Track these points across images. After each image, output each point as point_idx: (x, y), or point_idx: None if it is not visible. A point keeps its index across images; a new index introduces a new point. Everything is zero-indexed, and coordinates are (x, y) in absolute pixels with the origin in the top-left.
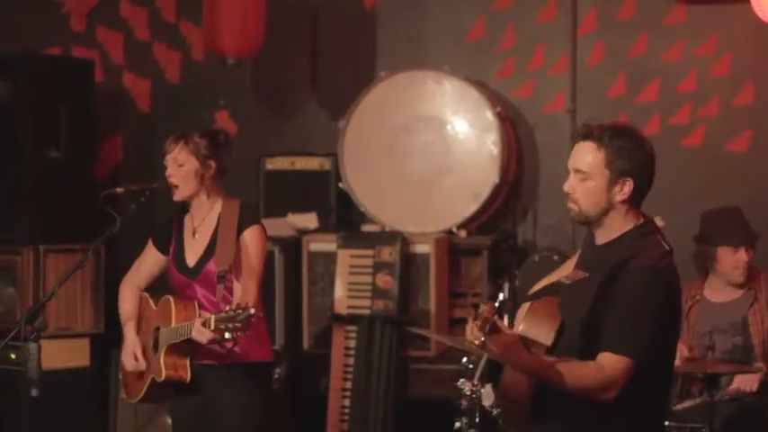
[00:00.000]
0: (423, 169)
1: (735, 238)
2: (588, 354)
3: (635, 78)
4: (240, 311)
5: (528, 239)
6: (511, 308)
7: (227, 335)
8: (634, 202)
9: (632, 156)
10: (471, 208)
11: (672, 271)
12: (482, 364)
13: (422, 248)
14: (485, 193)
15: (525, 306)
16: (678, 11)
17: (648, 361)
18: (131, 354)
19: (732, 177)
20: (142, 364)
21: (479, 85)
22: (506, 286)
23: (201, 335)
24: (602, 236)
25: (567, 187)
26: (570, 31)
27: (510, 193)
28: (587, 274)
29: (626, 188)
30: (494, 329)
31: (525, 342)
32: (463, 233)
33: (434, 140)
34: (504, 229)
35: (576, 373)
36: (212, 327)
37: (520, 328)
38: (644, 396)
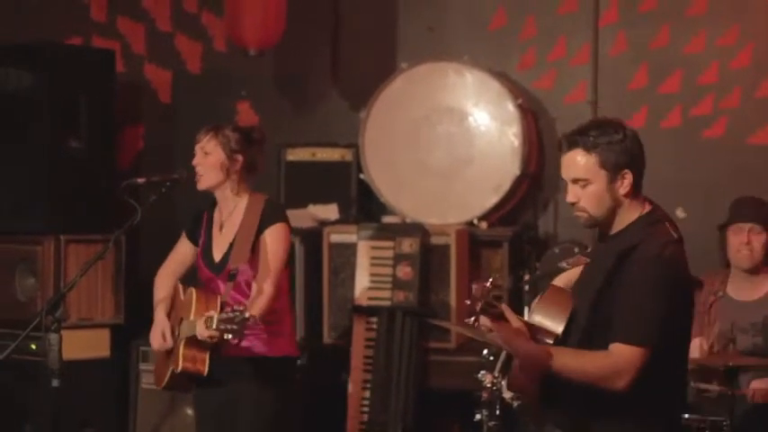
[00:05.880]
0: (444, 161)
1: (739, 216)
2: (596, 342)
3: (657, 69)
4: (238, 314)
5: (549, 231)
6: (530, 300)
7: (226, 336)
8: (636, 190)
9: (622, 148)
10: (492, 200)
11: (677, 259)
12: (503, 355)
13: (442, 240)
14: (506, 184)
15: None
16: (700, 1)
17: (660, 349)
18: (159, 332)
19: (754, 169)
20: (169, 344)
21: (501, 76)
22: (526, 278)
23: (203, 332)
24: (612, 229)
25: (570, 198)
26: (592, 22)
27: (531, 185)
28: (588, 260)
29: (626, 181)
30: (499, 315)
31: (535, 329)
32: (484, 225)
33: (456, 132)
34: (524, 220)
35: (583, 362)
36: (214, 326)
37: (533, 316)
38: (657, 385)
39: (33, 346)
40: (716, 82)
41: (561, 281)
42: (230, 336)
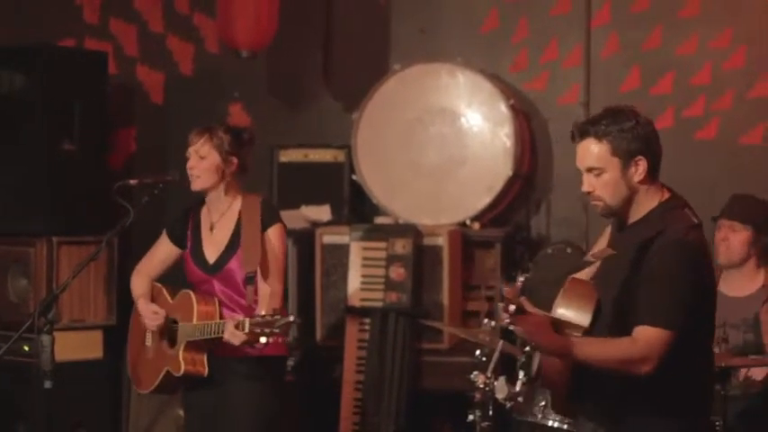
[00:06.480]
0: (436, 162)
1: (724, 212)
2: (621, 331)
3: (649, 71)
4: (279, 317)
5: (541, 232)
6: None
7: (262, 339)
8: (652, 177)
9: (634, 135)
10: (485, 200)
11: (700, 243)
12: (495, 356)
13: (435, 241)
14: (498, 185)
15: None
16: (692, 3)
17: (686, 333)
18: (150, 312)
19: (746, 170)
20: (162, 316)
21: (493, 77)
22: (519, 279)
23: (235, 337)
24: (630, 217)
25: (585, 187)
26: (584, 24)
27: (523, 186)
28: (614, 252)
29: (641, 167)
30: (520, 311)
31: (561, 324)
32: (476, 225)
33: (448, 133)
34: (517, 221)
35: (609, 349)
36: (246, 330)
37: (557, 311)
38: (685, 371)
39: (26, 348)
40: (708, 83)
41: (583, 275)
42: (266, 339)
